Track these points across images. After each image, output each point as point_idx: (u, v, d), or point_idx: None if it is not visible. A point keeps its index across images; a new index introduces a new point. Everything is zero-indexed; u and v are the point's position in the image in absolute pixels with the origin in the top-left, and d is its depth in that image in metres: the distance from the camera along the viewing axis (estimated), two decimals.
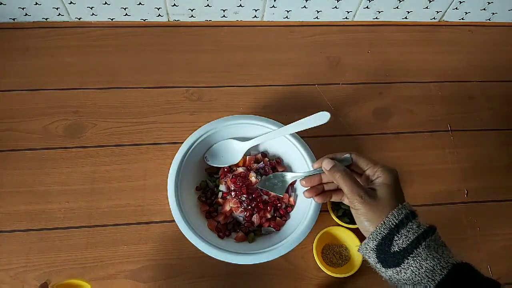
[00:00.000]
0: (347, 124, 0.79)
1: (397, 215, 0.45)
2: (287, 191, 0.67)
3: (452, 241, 0.69)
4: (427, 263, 0.42)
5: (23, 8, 0.79)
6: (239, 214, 0.64)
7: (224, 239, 0.63)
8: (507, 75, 0.88)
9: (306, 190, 0.55)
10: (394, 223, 0.44)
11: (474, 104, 0.84)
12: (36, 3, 0.78)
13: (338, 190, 0.55)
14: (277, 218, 0.65)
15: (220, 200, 0.66)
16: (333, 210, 0.68)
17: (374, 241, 0.45)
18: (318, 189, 0.55)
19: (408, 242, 0.43)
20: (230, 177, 0.66)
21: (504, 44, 0.92)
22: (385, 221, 0.45)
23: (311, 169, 0.63)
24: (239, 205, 0.64)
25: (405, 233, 0.44)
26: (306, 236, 0.60)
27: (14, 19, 0.81)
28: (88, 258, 0.64)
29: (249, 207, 0.64)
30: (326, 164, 0.51)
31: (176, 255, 0.66)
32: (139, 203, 0.69)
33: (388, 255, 0.44)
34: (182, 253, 0.66)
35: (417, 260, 0.43)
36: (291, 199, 0.67)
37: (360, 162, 0.51)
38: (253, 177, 0.65)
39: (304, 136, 0.66)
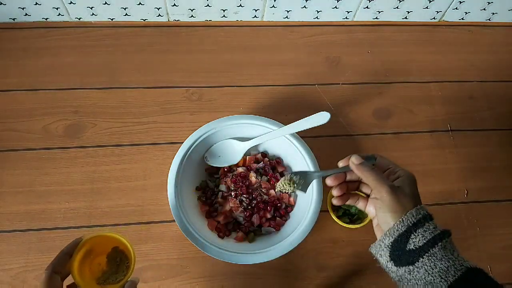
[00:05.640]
0: (347, 124, 0.79)
1: (416, 214, 0.46)
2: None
3: None
4: (442, 264, 0.43)
5: (23, 8, 0.79)
6: (239, 214, 0.64)
7: (224, 239, 0.63)
8: (507, 75, 0.87)
9: (335, 189, 0.54)
10: (412, 222, 0.45)
11: (474, 104, 0.84)
12: (36, 3, 0.78)
13: (354, 194, 0.54)
14: (277, 218, 0.65)
15: (220, 200, 0.66)
16: (333, 210, 0.68)
17: (391, 238, 0.46)
18: (342, 188, 0.54)
19: (424, 241, 0.44)
20: (230, 177, 0.66)
21: (504, 44, 0.92)
22: (404, 219, 0.45)
23: (312, 168, 0.63)
24: (239, 205, 0.64)
25: (422, 232, 0.44)
26: (306, 236, 0.60)
27: (14, 19, 0.81)
28: None
29: (249, 207, 0.64)
30: (355, 159, 0.51)
31: (176, 255, 0.66)
32: (139, 203, 0.69)
33: (403, 252, 0.45)
34: (182, 253, 0.66)
35: (432, 260, 0.43)
36: (291, 199, 0.67)
37: (384, 162, 0.53)
38: (253, 177, 0.65)
39: (304, 136, 0.66)
